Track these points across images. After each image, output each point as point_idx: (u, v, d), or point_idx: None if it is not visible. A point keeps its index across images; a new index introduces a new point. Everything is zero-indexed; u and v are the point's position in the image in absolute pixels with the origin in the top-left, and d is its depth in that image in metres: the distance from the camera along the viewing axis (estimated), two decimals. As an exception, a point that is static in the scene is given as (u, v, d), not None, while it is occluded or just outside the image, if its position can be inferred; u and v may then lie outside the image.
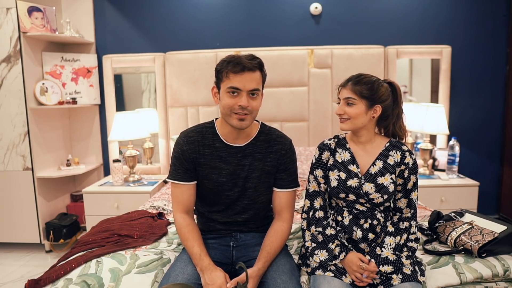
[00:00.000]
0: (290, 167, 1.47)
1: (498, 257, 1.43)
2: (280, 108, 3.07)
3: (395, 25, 3.13)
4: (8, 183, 2.88)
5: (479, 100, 3.18)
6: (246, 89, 1.31)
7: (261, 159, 1.43)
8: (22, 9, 2.73)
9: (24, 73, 2.78)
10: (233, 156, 1.42)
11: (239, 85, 1.30)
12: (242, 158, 1.42)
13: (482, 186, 2.86)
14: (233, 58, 1.32)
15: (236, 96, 1.32)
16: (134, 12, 3.22)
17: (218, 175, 1.42)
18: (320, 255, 1.37)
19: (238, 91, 1.31)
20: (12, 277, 2.54)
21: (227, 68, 1.31)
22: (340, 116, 1.40)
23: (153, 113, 3.27)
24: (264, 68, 1.38)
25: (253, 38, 3.18)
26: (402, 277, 1.30)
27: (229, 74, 1.31)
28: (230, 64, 1.31)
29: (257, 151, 1.44)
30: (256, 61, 1.34)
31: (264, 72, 1.38)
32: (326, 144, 1.48)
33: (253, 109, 1.34)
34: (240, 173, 1.43)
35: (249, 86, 1.31)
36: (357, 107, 1.37)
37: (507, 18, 3.10)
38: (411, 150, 1.44)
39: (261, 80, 1.37)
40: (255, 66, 1.32)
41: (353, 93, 1.37)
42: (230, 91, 1.32)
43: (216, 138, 1.43)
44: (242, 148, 1.43)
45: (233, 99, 1.32)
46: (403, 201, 1.41)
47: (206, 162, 1.42)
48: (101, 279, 1.34)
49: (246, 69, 1.30)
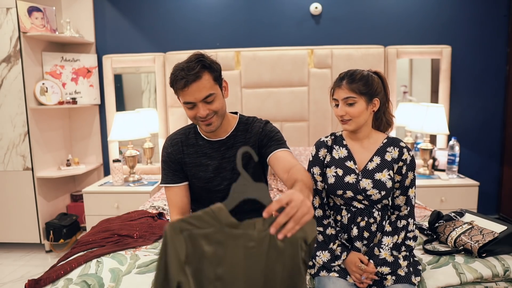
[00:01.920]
0: (273, 136, 1.42)
1: (498, 257, 1.43)
2: (280, 108, 3.07)
3: (395, 25, 3.13)
4: (8, 183, 2.88)
5: (479, 100, 3.18)
6: (198, 100, 1.30)
7: None
8: (22, 9, 2.72)
9: (24, 73, 2.78)
10: (217, 151, 1.45)
11: (190, 99, 1.30)
12: (226, 151, 1.45)
13: (482, 186, 2.86)
14: (177, 72, 1.29)
15: (193, 108, 1.33)
16: (134, 12, 3.22)
17: (205, 172, 1.44)
18: (322, 257, 1.37)
19: (193, 104, 1.32)
20: (12, 277, 2.54)
21: (175, 85, 1.31)
22: (342, 117, 1.38)
23: (153, 113, 3.27)
24: (212, 65, 1.31)
25: (253, 38, 3.18)
26: (396, 278, 1.30)
27: (178, 91, 1.32)
28: (175, 80, 1.29)
29: (238, 141, 1.46)
30: (199, 65, 1.27)
31: (213, 68, 1.32)
32: (323, 141, 1.47)
33: (215, 110, 1.34)
34: (226, 165, 1.44)
35: (199, 96, 1.29)
36: (359, 105, 1.36)
37: (507, 18, 3.10)
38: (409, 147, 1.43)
39: (213, 80, 1.32)
40: (199, 72, 1.27)
41: (352, 91, 1.35)
42: (187, 105, 1.33)
43: (199, 137, 1.47)
44: (224, 140, 1.46)
45: (192, 111, 1.34)
46: (401, 199, 1.40)
47: (192, 161, 1.45)
48: (101, 279, 1.34)
49: (189, 82, 1.27)
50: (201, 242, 0.78)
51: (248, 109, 3.06)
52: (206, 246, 0.78)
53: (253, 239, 0.81)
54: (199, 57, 1.31)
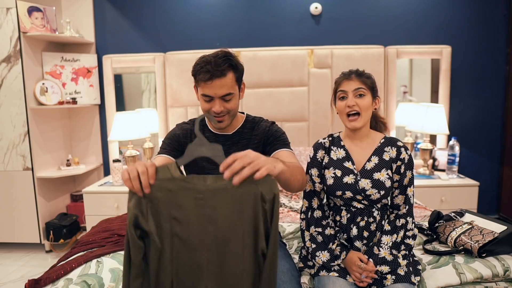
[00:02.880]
0: (279, 137, 1.46)
1: (498, 257, 1.43)
2: (280, 108, 3.07)
3: (395, 25, 3.13)
4: (8, 183, 2.88)
5: (479, 100, 3.18)
6: (218, 95, 1.33)
7: (248, 144, 1.46)
8: (22, 9, 2.73)
9: (24, 73, 2.78)
10: (221, 144, 1.44)
11: (210, 92, 1.33)
12: (230, 146, 1.46)
13: (482, 186, 2.86)
14: (203, 64, 1.32)
15: (210, 102, 1.35)
16: (134, 12, 3.22)
17: (207, 162, 1.44)
18: (322, 257, 1.37)
19: (211, 98, 1.34)
20: (12, 277, 2.54)
21: (198, 76, 1.34)
22: (352, 108, 1.36)
23: (153, 113, 3.27)
24: (237, 65, 1.36)
25: (253, 38, 3.18)
26: (395, 277, 1.30)
27: (200, 82, 1.34)
28: (200, 71, 1.32)
29: (244, 137, 1.47)
30: (226, 64, 1.31)
31: (238, 68, 1.37)
32: (321, 143, 1.48)
33: (229, 110, 1.37)
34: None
35: (219, 92, 1.33)
36: (367, 98, 1.37)
37: (507, 18, 3.10)
38: (407, 147, 1.44)
39: (235, 81, 1.36)
40: (225, 70, 1.31)
41: (363, 83, 1.37)
42: (204, 98, 1.36)
43: (206, 129, 1.51)
44: (230, 136, 1.48)
45: (207, 104, 1.37)
46: (400, 198, 1.40)
47: None
48: (101, 279, 1.34)
49: (215, 77, 1.30)
50: (153, 189, 0.94)
51: (248, 109, 3.06)
52: (158, 193, 0.93)
53: (201, 192, 0.93)
54: (227, 55, 1.34)
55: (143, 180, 0.92)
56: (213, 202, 0.93)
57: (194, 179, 0.94)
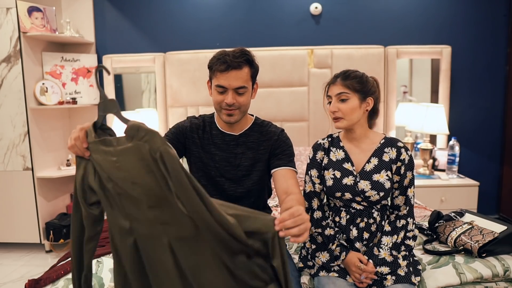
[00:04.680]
0: (286, 150, 1.46)
1: (498, 257, 1.44)
2: (280, 108, 3.07)
3: (395, 25, 3.13)
4: (8, 183, 2.88)
5: (479, 100, 3.18)
6: (232, 87, 1.35)
7: (254, 148, 1.46)
8: (22, 9, 2.72)
9: (24, 73, 2.77)
10: (227, 144, 1.47)
11: (224, 83, 1.35)
12: (235, 147, 1.46)
13: (482, 186, 2.86)
14: (221, 56, 1.35)
15: (223, 93, 1.37)
16: (134, 12, 3.22)
17: (211, 160, 1.46)
18: (321, 257, 1.37)
19: (225, 89, 1.36)
20: (12, 277, 2.54)
21: (215, 66, 1.36)
22: (334, 114, 1.39)
23: (153, 113, 3.27)
24: (253, 62, 1.39)
25: (253, 38, 3.18)
26: (396, 278, 1.30)
27: (216, 73, 1.36)
28: (217, 62, 1.35)
29: (250, 140, 1.47)
30: (243, 58, 1.35)
31: (254, 66, 1.40)
32: (320, 144, 1.48)
33: (240, 104, 1.38)
34: (233, 161, 1.45)
35: (234, 84, 1.35)
36: (351, 102, 1.36)
37: (507, 18, 3.10)
38: (408, 147, 1.43)
39: (250, 76, 1.39)
40: (242, 63, 1.34)
41: (345, 87, 1.36)
42: (218, 89, 1.37)
43: (214, 126, 1.50)
44: (236, 136, 1.47)
45: (221, 96, 1.37)
46: (400, 199, 1.40)
47: (202, 145, 1.47)
48: (102, 279, 1.35)
49: (231, 67, 1.33)
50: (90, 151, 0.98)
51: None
52: (93, 154, 0.96)
53: (114, 155, 0.91)
54: (244, 51, 1.37)
55: (78, 145, 0.99)
56: (128, 162, 0.90)
57: (105, 141, 0.95)
